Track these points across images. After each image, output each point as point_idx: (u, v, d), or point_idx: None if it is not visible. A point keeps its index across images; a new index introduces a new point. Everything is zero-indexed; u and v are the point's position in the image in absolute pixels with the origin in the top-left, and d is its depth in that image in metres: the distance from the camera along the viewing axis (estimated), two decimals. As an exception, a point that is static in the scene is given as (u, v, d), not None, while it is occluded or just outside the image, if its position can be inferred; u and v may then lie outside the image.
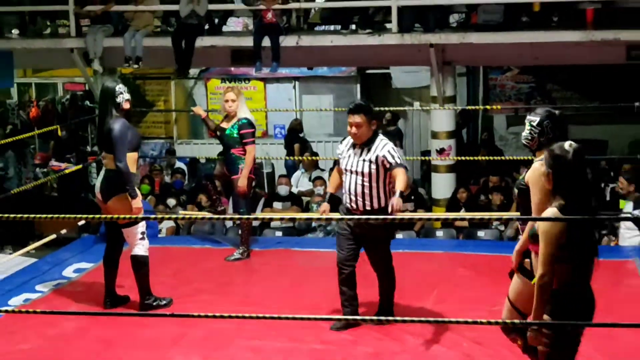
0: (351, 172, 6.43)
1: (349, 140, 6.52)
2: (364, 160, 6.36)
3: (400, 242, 9.43)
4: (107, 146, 6.88)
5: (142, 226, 7.01)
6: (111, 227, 7.21)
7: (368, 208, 6.41)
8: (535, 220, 4.53)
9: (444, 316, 6.69)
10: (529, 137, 5.09)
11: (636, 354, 6.01)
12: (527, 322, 4.60)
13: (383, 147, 6.35)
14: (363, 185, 6.38)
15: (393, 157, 6.30)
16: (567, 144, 4.46)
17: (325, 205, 6.74)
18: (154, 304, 7.06)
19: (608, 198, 11.65)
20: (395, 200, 5.98)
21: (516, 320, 4.60)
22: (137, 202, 6.86)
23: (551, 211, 4.40)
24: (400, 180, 6.17)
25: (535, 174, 4.84)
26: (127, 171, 6.78)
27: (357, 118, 6.33)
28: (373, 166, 6.32)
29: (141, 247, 7.03)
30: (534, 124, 5.12)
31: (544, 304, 4.38)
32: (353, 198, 6.45)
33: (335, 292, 6.78)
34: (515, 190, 5.22)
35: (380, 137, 6.46)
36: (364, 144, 6.40)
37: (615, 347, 6.10)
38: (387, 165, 6.28)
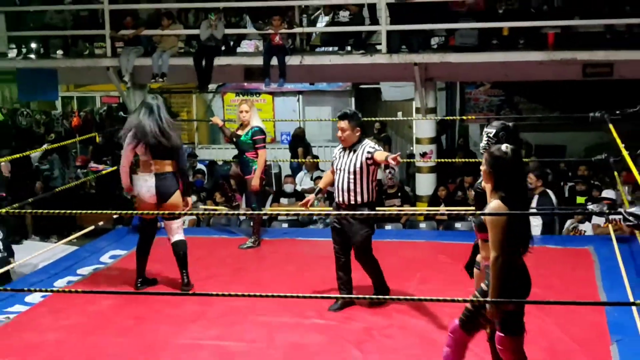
0: (341, 171, 6.48)
1: (341, 145, 6.58)
2: (351, 160, 6.41)
3: (388, 232, 9.47)
4: (164, 154, 6.87)
5: (182, 219, 7.26)
6: (150, 222, 7.21)
7: (352, 202, 6.44)
8: (503, 215, 4.54)
9: (426, 295, 6.69)
10: (487, 147, 5.10)
11: (590, 328, 6.02)
12: (496, 300, 4.60)
13: (365, 147, 6.41)
14: (349, 182, 6.42)
15: (373, 147, 6.39)
16: (504, 147, 4.53)
17: (311, 196, 6.93)
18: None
19: (567, 195, 11.67)
20: (386, 157, 6.07)
21: (488, 298, 4.59)
22: (190, 198, 7.23)
23: (495, 203, 4.47)
24: (381, 154, 6.25)
25: None
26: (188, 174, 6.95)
27: (342, 124, 6.43)
28: (358, 164, 6.37)
29: (182, 234, 7.13)
30: (491, 135, 5.13)
31: (500, 282, 4.43)
32: (341, 193, 6.48)
33: (333, 274, 6.79)
34: (473, 192, 5.25)
35: (365, 140, 6.52)
36: (351, 147, 6.46)
37: (573, 322, 6.11)
38: (369, 155, 6.33)
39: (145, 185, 6.91)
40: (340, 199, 6.49)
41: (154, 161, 6.88)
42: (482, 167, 4.65)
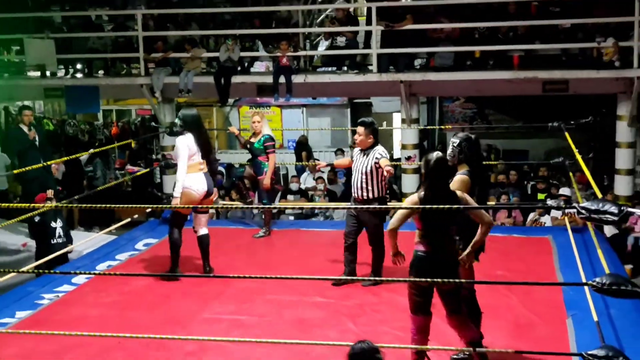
0: (356, 171, 6.58)
1: (358, 147, 6.68)
2: (363, 163, 6.50)
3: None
4: (204, 154, 6.86)
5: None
6: (185, 216, 7.11)
7: (365, 197, 6.52)
8: (475, 209, 4.54)
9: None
10: (452, 154, 5.06)
11: (549, 305, 6.03)
12: (465, 281, 4.60)
13: (375, 153, 6.48)
14: (362, 181, 6.51)
15: (381, 154, 6.45)
16: (435, 154, 4.59)
17: (323, 163, 7.62)
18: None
19: (529, 192, 11.67)
20: (384, 166, 6.25)
21: (464, 280, 4.59)
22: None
23: (412, 196, 4.65)
24: (384, 162, 6.33)
25: (456, 182, 4.86)
26: None
27: (359, 129, 6.56)
28: (369, 167, 6.45)
29: (206, 228, 7.10)
30: (455, 144, 5.11)
31: (392, 244, 4.79)
32: (356, 190, 6.58)
33: (332, 259, 6.78)
34: None
35: (377, 147, 6.56)
36: (365, 151, 6.53)
37: (534, 300, 6.12)
38: (377, 161, 6.40)
39: (200, 183, 6.80)
40: (356, 194, 6.58)
41: (202, 161, 6.83)
42: (463, 177, 4.68)
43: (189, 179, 6.77)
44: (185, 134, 6.82)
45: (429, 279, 4.42)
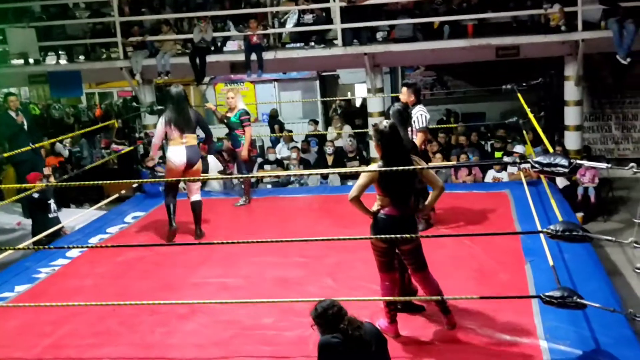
0: None
1: None
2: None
3: (350, 187, 9.46)
4: (192, 128, 6.87)
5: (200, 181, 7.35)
6: (174, 186, 7.13)
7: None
8: (428, 168, 4.54)
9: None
10: None
11: (509, 252, 6.12)
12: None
13: (417, 112, 6.73)
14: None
15: (418, 119, 6.69)
16: (385, 122, 4.72)
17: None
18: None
19: (489, 150, 11.76)
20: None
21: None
22: None
23: (370, 166, 4.68)
24: (419, 138, 6.57)
25: None
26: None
27: (402, 89, 6.93)
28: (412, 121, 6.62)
29: (199, 195, 7.22)
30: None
31: (363, 209, 4.66)
32: None
33: (308, 221, 6.76)
34: None
35: (420, 106, 6.82)
36: (411, 107, 6.77)
37: (496, 248, 6.20)
38: (415, 122, 6.64)
39: (178, 155, 6.83)
40: None
41: (185, 135, 6.84)
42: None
43: (169, 150, 6.89)
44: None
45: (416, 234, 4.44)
